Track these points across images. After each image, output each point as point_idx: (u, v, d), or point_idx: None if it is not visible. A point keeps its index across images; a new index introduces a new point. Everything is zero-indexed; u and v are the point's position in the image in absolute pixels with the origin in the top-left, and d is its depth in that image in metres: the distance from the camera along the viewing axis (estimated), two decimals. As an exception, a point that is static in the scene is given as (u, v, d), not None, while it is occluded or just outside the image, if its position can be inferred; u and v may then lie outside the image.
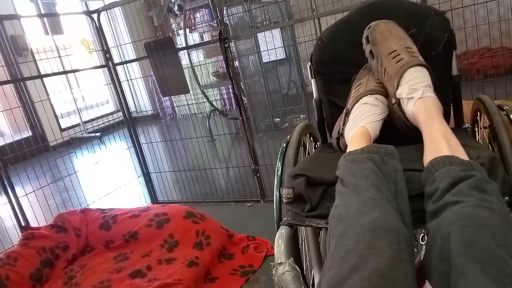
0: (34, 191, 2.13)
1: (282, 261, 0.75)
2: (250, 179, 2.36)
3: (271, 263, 0.76)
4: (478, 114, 1.00)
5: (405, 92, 0.85)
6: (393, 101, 0.89)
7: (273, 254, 1.66)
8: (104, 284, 1.61)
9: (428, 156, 0.72)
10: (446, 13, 1.07)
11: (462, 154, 0.70)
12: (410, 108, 0.84)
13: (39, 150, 2.50)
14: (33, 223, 2.01)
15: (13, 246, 1.85)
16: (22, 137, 3.64)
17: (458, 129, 1.09)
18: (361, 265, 0.52)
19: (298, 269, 0.74)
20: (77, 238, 1.93)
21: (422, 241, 0.69)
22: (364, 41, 0.97)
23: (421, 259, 0.64)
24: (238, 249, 1.75)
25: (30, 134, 4.83)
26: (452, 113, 1.10)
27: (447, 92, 1.06)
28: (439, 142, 0.73)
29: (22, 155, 2.27)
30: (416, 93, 0.83)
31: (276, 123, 3.75)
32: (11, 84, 4.49)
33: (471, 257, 0.50)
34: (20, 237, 1.85)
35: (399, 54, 0.89)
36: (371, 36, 0.94)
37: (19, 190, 1.97)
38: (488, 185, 0.62)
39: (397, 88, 0.87)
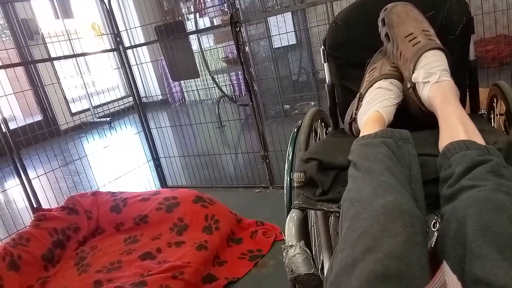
0: (45, 173, 2.16)
1: (293, 243, 0.75)
2: (259, 165, 2.36)
3: (281, 246, 0.76)
4: (495, 101, 0.98)
5: (421, 76, 0.83)
6: (409, 86, 0.88)
7: (282, 240, 1.67)
8: (114, 265, 1.64)
9: (444, 140, 0.71)
10: None
11: (479, 139, 0.69)
12: (426, 93, 0.83)
13: (50, 133, 2.52)
14: (44, 205, 2.05)
15: (25, 227, 1.88)
16: (34, 120, 3.68)
17: (474, 115, 1.07)
18: (374, 247, 0.51)
19: (309, 252, 0.74)
20: (88, 220, 1.95)
21: (434, 227, 0.68)
22: (380, 23, 0.95)
23: (432, 245, 0.63)
24: (247, 234, 1.76)
25: (41, 117, 4.88)
26: (468, 98, 1.08)
27: (464, 77, 1.04)
28: (456, 126, 0.72)
29: (33, 138, 2.29)
30: (433, 77, 0.82)
31: (286, 110, 3.73)
32: (22, 68, 4.52)
33: (488, 241, 0.49)
34: (32, 218, 1.88)
35: (416, 37, 0.87)
36: (387, 19, 0.92)
37: (31, 173, 1.99)
38: (505, 170, 0.61)
39: (413, 72, 0.85)
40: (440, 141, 0.73)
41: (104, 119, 4.60)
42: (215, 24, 5.33)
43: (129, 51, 2.45)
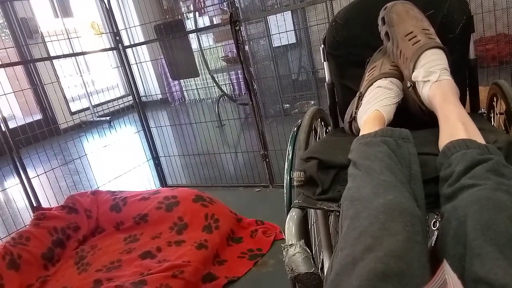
0: (45, 172, 2.16)
1: (293, 242, 0.75)
2: (259, 164, 2.36)
3: (281, 245, 0.76)
4: (495, 100, 0.98)
5: (421, 75, 0.83)
6: (409, 85, 0.88)
7: (282, 239, 1.67)
8: (114, 264, 1.64)
9: (444, 139, 0.71)
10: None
11: (479, 138, 0.69)
12: (426, 92, 0.83)
13: (50, 132, 2.52)
14: (44, 204, 2.04)
15: (25, 226, 1.88)
16: (33, 119, 3.68)
17: (474, 114, 1.07)
18: (374, 246, 0.51)
19: (309, 251, 0.74)
20: (87, 219, 1.95)
21: (434, 226, 0.68)
22: (380, 22, 0.95)
23: (433, 244, 0.63)
24: (247, 233, 1.76)
25: (41, 116, 4.88)
26: (468, 97, 1.08)
27: (464, 75, 1.04)
28: (456, 125, 0.72)
29: (33, 137, 2.29)
30: (433, 76, 0.82)
31: (286, 109, 3.73)
32: (22, 67, 4.51)
33: (488, 239, 0.49)
34: (32, 217, 1.88)
35: (415, 36, 0.87)
36: (387, 17, 0.92)
37: (30, 172, 1.99)
38: (505, 169, 0.61)
39: (412, 71, 0.85)
40: (440, 140, 0.73)
41: (103, 118, 4.59)
42: (215, 23, 5.33)
43: (128, 50, 2.44)
